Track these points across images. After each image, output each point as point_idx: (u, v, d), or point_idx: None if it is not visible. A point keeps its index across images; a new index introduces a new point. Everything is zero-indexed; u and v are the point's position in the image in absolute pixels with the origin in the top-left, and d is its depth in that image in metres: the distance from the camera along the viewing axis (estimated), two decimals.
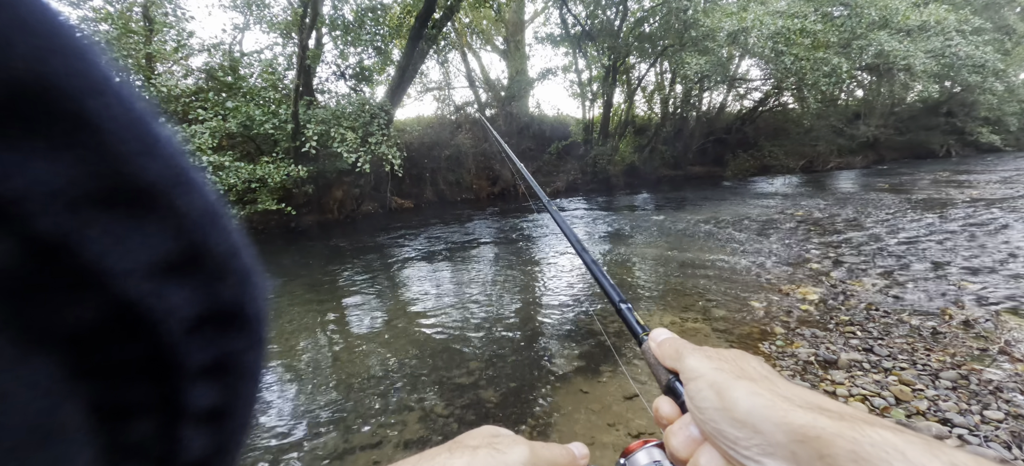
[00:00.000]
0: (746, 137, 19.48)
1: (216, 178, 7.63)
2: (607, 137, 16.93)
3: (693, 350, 0.41)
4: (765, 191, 12.56)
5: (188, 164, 0.18)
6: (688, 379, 0.39)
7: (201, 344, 0.19)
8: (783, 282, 4.48)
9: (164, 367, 0.18)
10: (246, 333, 0.22)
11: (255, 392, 0.24)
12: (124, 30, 9.06)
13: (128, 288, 0.16)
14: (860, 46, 13.05)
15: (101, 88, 0.15)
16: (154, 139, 0.17)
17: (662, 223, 8.45)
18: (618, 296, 0.59)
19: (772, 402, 0.31)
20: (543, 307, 4.27)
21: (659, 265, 5.48)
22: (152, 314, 0.17)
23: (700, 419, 0.36)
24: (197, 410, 0.20)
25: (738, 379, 0.35)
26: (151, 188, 0.16)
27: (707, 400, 0.35)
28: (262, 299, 0.23)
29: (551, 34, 16.45)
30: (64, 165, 0.14)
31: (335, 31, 10.60)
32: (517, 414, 2.53)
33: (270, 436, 2.46)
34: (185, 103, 8.85)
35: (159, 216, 0.17)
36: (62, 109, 0.14)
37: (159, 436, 0.19)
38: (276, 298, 4.99)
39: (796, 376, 2.73)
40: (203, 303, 0.19)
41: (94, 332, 0.16)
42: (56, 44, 0.14)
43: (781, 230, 7.01)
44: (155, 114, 0.17)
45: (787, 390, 0.33)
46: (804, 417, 0.29)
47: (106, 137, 0.15)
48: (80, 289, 0.15)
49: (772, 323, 3.52)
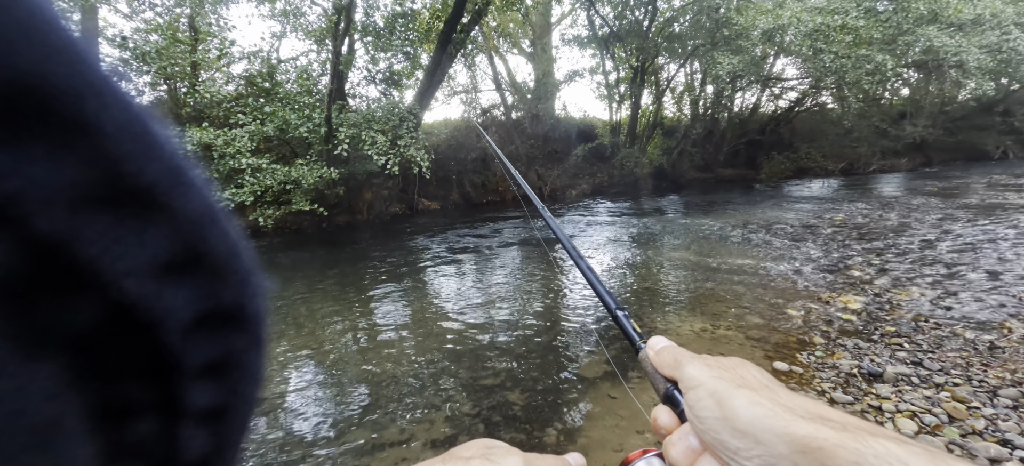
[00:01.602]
0: (781, 138, 18.79)
1: (254, 179, 7.97)
2: (635, 139, 16.69)
3: (692, 358, 0.40)
4: (801, 195, 12.07)
5: (187, 165, 0.18)
6: (687, 388, 0.38)
7: (201, 344, 0.19)
8: (822, 290, 4.29)
9: (163, 367, 0.18)
10: (246, 333, 0.22)
11: (255, 392, 0.24)
12: (172, 40, 9.59)
13: (127, 289, 0.16)
14: (907, 42, 12.35)
15: (99, 89, 0.15)
16: (152, 140, 0.17)
17: (691, 227, 8.24)
18: (615, 304, 0.58)
19: (773, 412, 0.31)
20: (570, 309, 4.24)
21: (688, 270, 5.35)
22: (151, 315, 0.17)
23: (700, 429, 0.35)
24: (197, 410, 0.20)
25: (738, 388, 0.34)
26: (150, 189, 0.16)
27: (707, 410, 0.35)
28: (262, 299, 0.23)
29: (578, 36, 16.39)
30: (62, 166, 0.14)
31: (367, 37, 10.89)
32: (544, 417, 2.52)
33: (302, 430, 2.54)
34: (226, 108, 9.28)
35: (158, 217, 0.17)
36: (60, 110, 0.14)
37: (159, 436, 0.19)
38: (308, 296, 5.15)
39: (838, 389, 2.61)
40: (202, 303, 0.19)
41: (93, 333, 0.16)
42: (54, 45, 0.14)
43: (819, 235, 6.71)
44: (154, 116, 0.17)
45: (788, 399, 0.32)
46: (806, 427, 0.29)
47: (104, 138, 0.15)
48: (79, 290, 0.15)
49: (811, 332, 3.37)
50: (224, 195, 7.66)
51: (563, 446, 2.28)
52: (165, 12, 10.14)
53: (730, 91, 17.15)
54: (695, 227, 8.19)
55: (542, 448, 2.27)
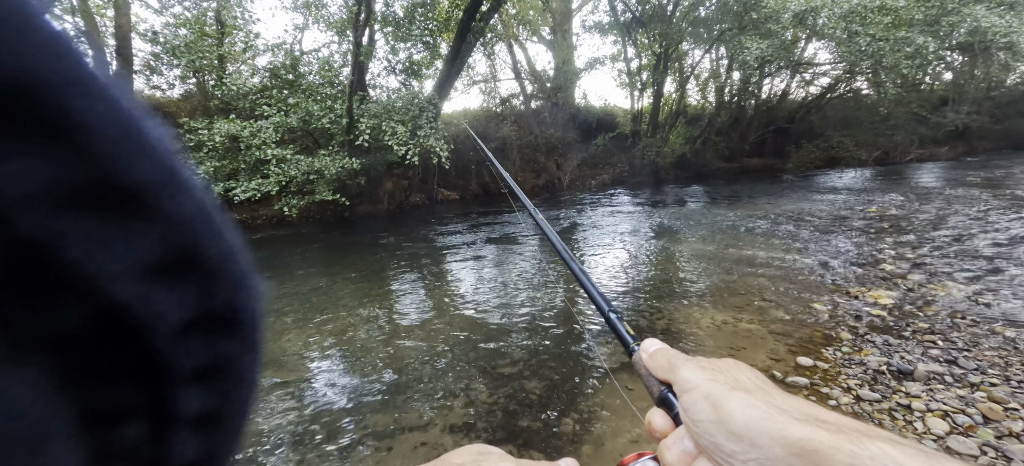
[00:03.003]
0: (811, 126, 18.05)
1: (279, 170, 8.17)
2: (657, 128, 16.35)
3: (686, 361, 0.40)
4: (832, 185, 11.63)
5: (179, 164, 0.18)
6: (682, 391, 0.38)
7: (193, 348, 0.19)
8: (851, 284, 4.14)
9: (154, 372, 0.18)
10: (239, 338, 0.22)
11: (249, 397, 0.23)
12: (200, 34, 9.86)
13: (115, 291, 0.16)
14: (951, 23, 11.64)
15: (85, 87, 0.15)
16: (142, 139, 0.16)
17: (714, 218, 8.06)
18: (607, 306, 0.57)
19: (769, 414, 0.31)
20: (587, 301, 4.22)
21: (710, 262, 5.24)
22: (141, 318, 0.17)
23: (695, 432, 0.35)
24: (188, 415, 0.20)
25: (733, 390, 0.34)
26: (138, 189, 0.16)
27: (702, 412, 0.34)
28: (257, 303, 0.22)
29: (599, 22, 16.07)
30: (46, 165, 0.14)
31: (387, 27, 10.95)
32: (562, 406, 2.54)
33: (326, 411, 2.62)
34: (252, 100, 9.52)
35: (147, 217, 0.17)
36: (43, 107, 0.13)
37: (149, 441, 0.18)
38: (331, 283, 5.29)
39: (864, 386, 2.53)
40: (195, 307, 0.19)
41: (80, 336, 0.16)
42: (38, 42, 0.13)
43: (850, 228, 6.47)
44: (145, 114, 0.17)
45: (783, 401, 0.32)
46: (802, 430, 0.29)
47: (90, 136, 0.15)
48: (64, 292, 0.15)
49: (838, 327, 3.27)
50: (251, 185, 7.90)
51: (580, 436, 2.29)
52: (193, 6, 10.42)
53: (758, 77, 16.54)
54: (718, 218, 8.01)
55: (559, 438, 2.29)
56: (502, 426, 2.40)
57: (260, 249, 7.90)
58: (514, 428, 2.38)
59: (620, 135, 16.82)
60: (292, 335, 3.78)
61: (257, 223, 10.42)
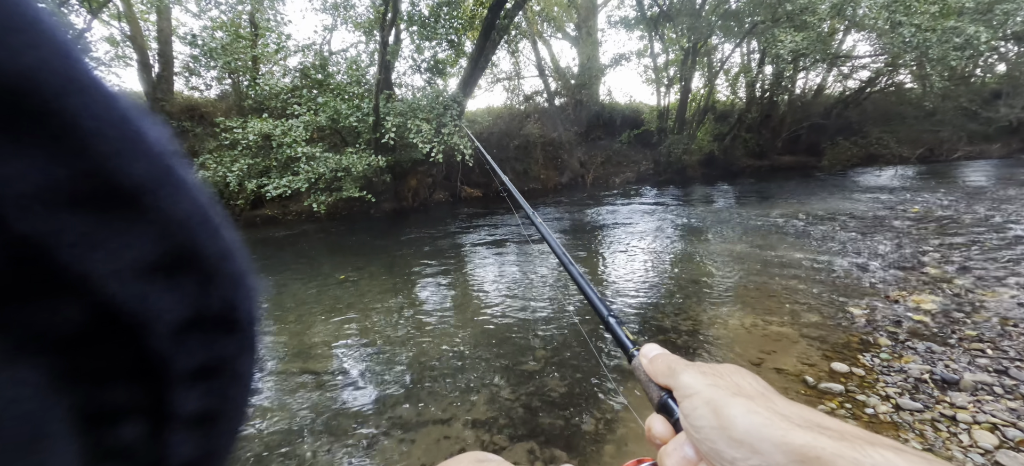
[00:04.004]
0: (849, 122, 17.25)
1: (308, 167, 8.41)
2: (683, 125, 15.98)
3: (687, 366, 0.40)
4: (871, 184, 11.11)
5: (176, 164, 0.18)
6: (682, 396, 0.37)
7: (190, 348, 0.19)
8: (891, 287, 3.95)
9: (151, 371, 0.18)
10: (237, 337, 0.22)
11: (246, 397, 0.23)
12: (235, 36, 10.25)
13: (112, 291, 0.16)
14: (1005, 11, 10.87)
15: (82, 86, 0.15)
16: (139, 139, 0.16)
17: (743, 217, 7.82)
18: (606, 310, 0.57)
19: (770, 420, 0.30)
20: (609, 298, 4.17)
21: (739, 262, 5.09)
22: (138, 317, 0.17)
23: (696, 438, 0.35)
24: (185, 414, 0.20)
25: (734, 396, 0.33)
26: (135, 188, 0.16)
27: (703, 419, 0.34)
28: (254, 303, 0.22)
29: (626, 17, 15.83)
30: (43, 165, 0.14)
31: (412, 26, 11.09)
32: (584, 405, 2.52)
33: (351, 402, 2.69)
34: (283, 100, 9.82)
35: (144, 217, 0.17)
36: (41, 108, 0.13)
37: (146, 440, 0.18)
38: (357, 278, 5.41)
39: (904, 394, 2.41)
40: (192, 306, 0.19)
41: (77, 335, 0.16)
42: (34, 41, 0.13)
43: (890, 228, 6.16)
44: (142, 114, 0.17)
45: (785, 407, 0.32)
46: (804, 436, 0.28)
47: (86, 136, 0.15)
48: (61, 292, 0.15)
49: (876, 333, 3.12)
50: (282, 181, 8.16)
51: (602, 435, 2.27)
52: (229, 9, 10.83)
53: (792, 71, 15.92)
54: (747, 217, 7.77)
55: (581, 437, 2.27)
56: (523, 423, 2.40)
57: (289, 244, 8.16)
58: (535, 425, 2.38)
59: (645, 132, 16.53)
60: (320, 327, 3.89)
61: (288, 218, 10.76)
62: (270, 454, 2.27)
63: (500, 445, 2.24)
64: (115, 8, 10.20)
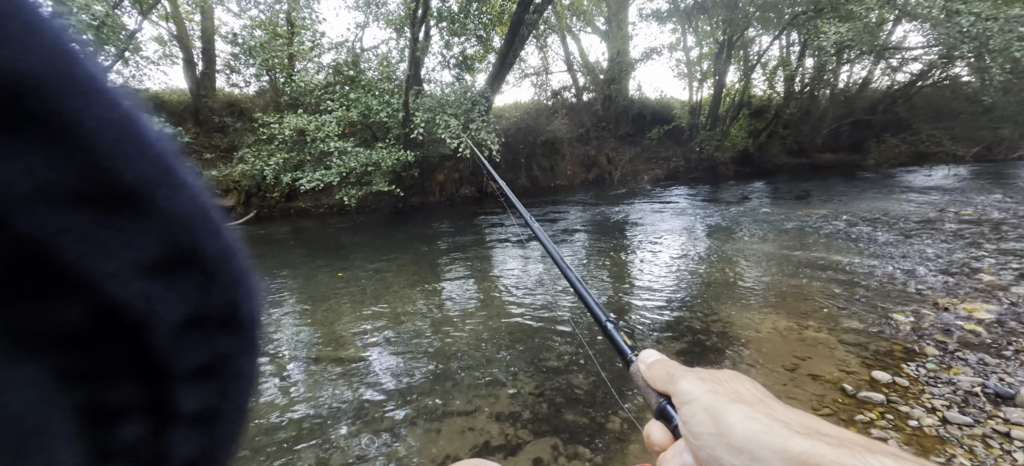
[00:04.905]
0: (897, 118, 16.26)
1: (340, 161, 8.65)
2: (716, 121, 15.50)
3: (685, 372, 0.39)
4: (920, 184, 10.47)
5: (177, 164, 0.18)
6: (681, 403, 0.37)
7: (191, 347, 0.19)
8: (940, 294, 3.72)
9: (152, 370, 0.18)
10: (238, 336, 0.22)
11: (248, 396, 0.23)
12: (273, 34, 10.63)
13: (113, 290, 0.16)
14: None
15: (83, 87, 0.15)
16: (139, 138, 0.16)
17: (779, 217, 7.53)
18: (604, 315, 0.57)
19: (769, 427, 0.30)
20: (637, 297, 4.11)
21: (773, 263, 4.91)
22: (139, 317, 0.17)
23: (695, 445, 0.34)
24: (187, 414, 0.20)
25: (733, 402, 0.33)
26: (136, 188, 0.16)
27: (702, 425, 0.34)
28: (255, 302, 0.22)
29: (658, 9, 15.45)
30: (44, 165, 0.14)
31: (442, 23, 11.20)
32: (609, 403, 2.50)
33: (377, 391, 2.77)
34: (317, 96, 10.13)
35: (145, 217, 0.17)
36: (41, 107, 0.13)
37: (148, 439, 0.19)
38: (385, 270, 5.54)
39: (953, 407, 2.27)
40: (193, 306, 0.19)
41: (79, 335, 0.16)
42: (36, 42, 0.13)
43: (941, 231, 5.79)
44: (142, 114, 0.17)
45: (784, 414, 0.32)
46: (803, 444, 0.28)
47: (87, 136, 0.15)
48: (62, 291, 0.15)
49: (922, 342, 2.95)
50: (315, 175, 8.43)
51: (627, 434, 2.25)
52: (267, 8, 11.24)
53: (834, 64, 15.14)
54: (783, 217, 7.47)
55: (605, 434, 2.26)
56: (547, 418, 2.41)
57: (320, 235, 8.43)
58: (559, 421, 2.38)
59: (676, 128, 16.11)
60: (348, 317, 4.01)
61: (319, 211, 11.11)
62: (301, 438, 2.36)
63: (523, 439, 2.25)
64: (163, 9, 10.76)
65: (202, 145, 10.78)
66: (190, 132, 10.61)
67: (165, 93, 12.00)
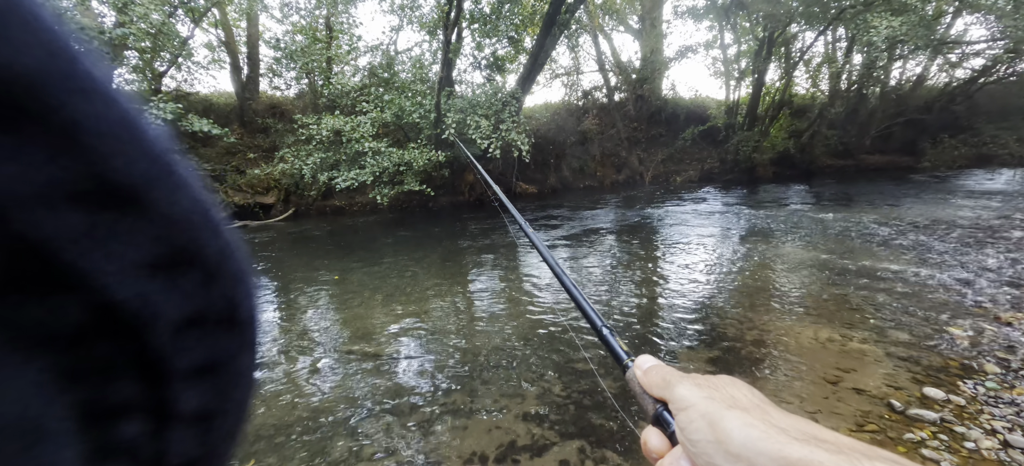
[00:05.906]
0: (954, 118, 15.15)
1: (374, 161, 8.90)
2: (755, 121, 14.91)
3: (682, 378, 0.39)
4: (981, 188, 9.72)
5: (177, 164, 0.18)
6: (678, 409, 0.37)
7: (190, 346, 0.19)
8: (1003, 308, 3.45)
9: (152, 368, 0.18)
10: (237, 335, 0.22)
11: (247, 395, 0.23)
12: (313, 39, 11.05)
13: (113, 289, 0.16)
14: None
15: (82, 87, 0.15)
16: (139, 138, 0.16)
17: (821, 222, 7.18)
18: (600, 321, 0.57)
19: (767, 433, 0.30)
20: (666, 300, 4.02)
21: (814, 269, 4.69)
22: (138, 315, 0.17)
23: (692, 452, 0.34)
24: (186, 412, 0.20)
25: (730, 409, 0.33)
26: (135, 188, 0.16)
27: (699, 432, 0.34)
28: (254, 301, 0.23)
29: (694, 6, 15.03)
30: (43, 164, 0.14)
31: (474, 24, 11.32)
32: (636, 410, 2.46)
33: (407, 387, 2.83)
34: (353, 98, 10.45)
35: (144, 216, 0.17)
36: (41, 107, 0.13)
37: (147, 437, 0.19)
38: (415, 267, 5.65)
39: (1016, 430, 2.10)
40: (192, 304, 0.19)
41: (78, 333, 0.16)
42: (36, 42, 0.13)
43: (1004, 240, 5.36)
44: (142, 113, 0.17)
45: (781, 420, 0.32)
46: (801, 450, 0.28)
47: (87, 136, 0.15)
48: (61, 290, 0.15)
49: (981, 358, 2.75)
50: (350, 174, 8.70)
51: None
52: (307, 14, 11.69)
53: (885, 61, 14.25)
54: (826, 222, 7.11)
55: (632, 438, 2.23)
56: (574, 421, 2.40)
57: (354, 233, 8.69)
58: (586, 425, 2.36)
59: (711, 129, 15.62)
60: (379, 313, 4.12)
61: (353, 209, 11.46)
62: (333, 429, 2.45)
63: (550, 441, 2.25)
64: (213, 16, 11.38)
65: (246, 145, 11.32)
66: (236, 133, 11.17)
67: (214, 96, 12.69)
